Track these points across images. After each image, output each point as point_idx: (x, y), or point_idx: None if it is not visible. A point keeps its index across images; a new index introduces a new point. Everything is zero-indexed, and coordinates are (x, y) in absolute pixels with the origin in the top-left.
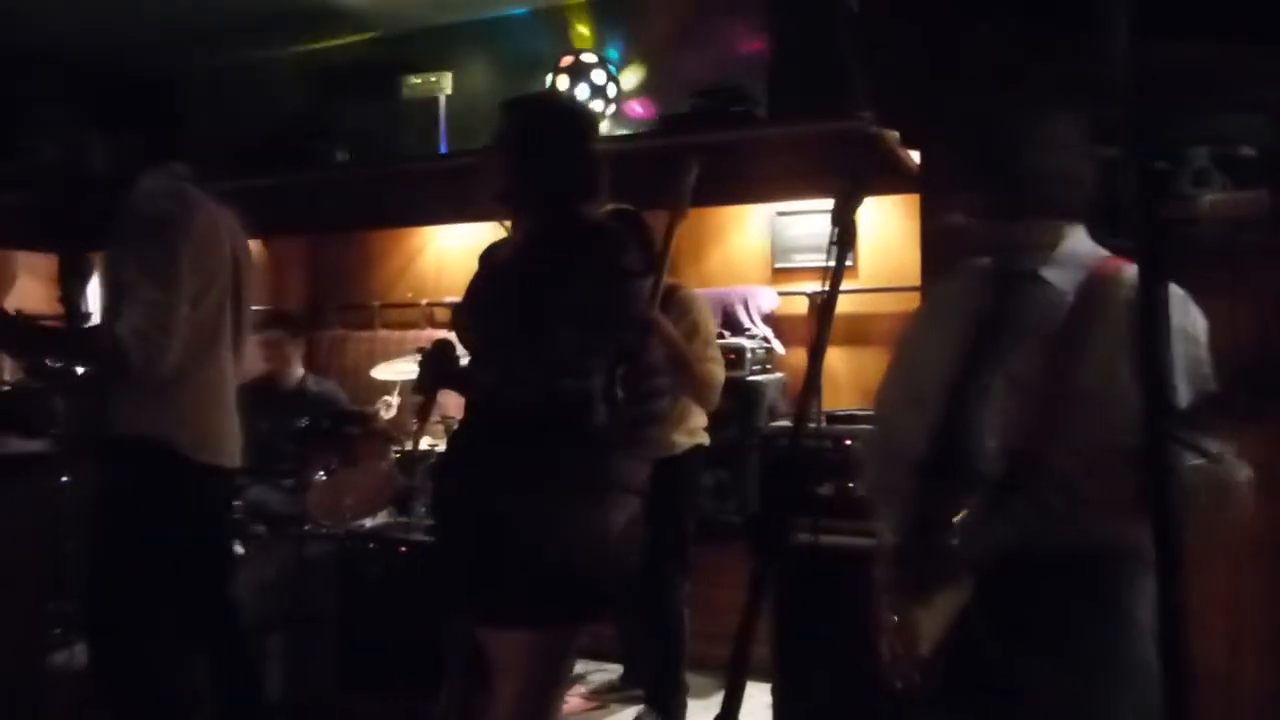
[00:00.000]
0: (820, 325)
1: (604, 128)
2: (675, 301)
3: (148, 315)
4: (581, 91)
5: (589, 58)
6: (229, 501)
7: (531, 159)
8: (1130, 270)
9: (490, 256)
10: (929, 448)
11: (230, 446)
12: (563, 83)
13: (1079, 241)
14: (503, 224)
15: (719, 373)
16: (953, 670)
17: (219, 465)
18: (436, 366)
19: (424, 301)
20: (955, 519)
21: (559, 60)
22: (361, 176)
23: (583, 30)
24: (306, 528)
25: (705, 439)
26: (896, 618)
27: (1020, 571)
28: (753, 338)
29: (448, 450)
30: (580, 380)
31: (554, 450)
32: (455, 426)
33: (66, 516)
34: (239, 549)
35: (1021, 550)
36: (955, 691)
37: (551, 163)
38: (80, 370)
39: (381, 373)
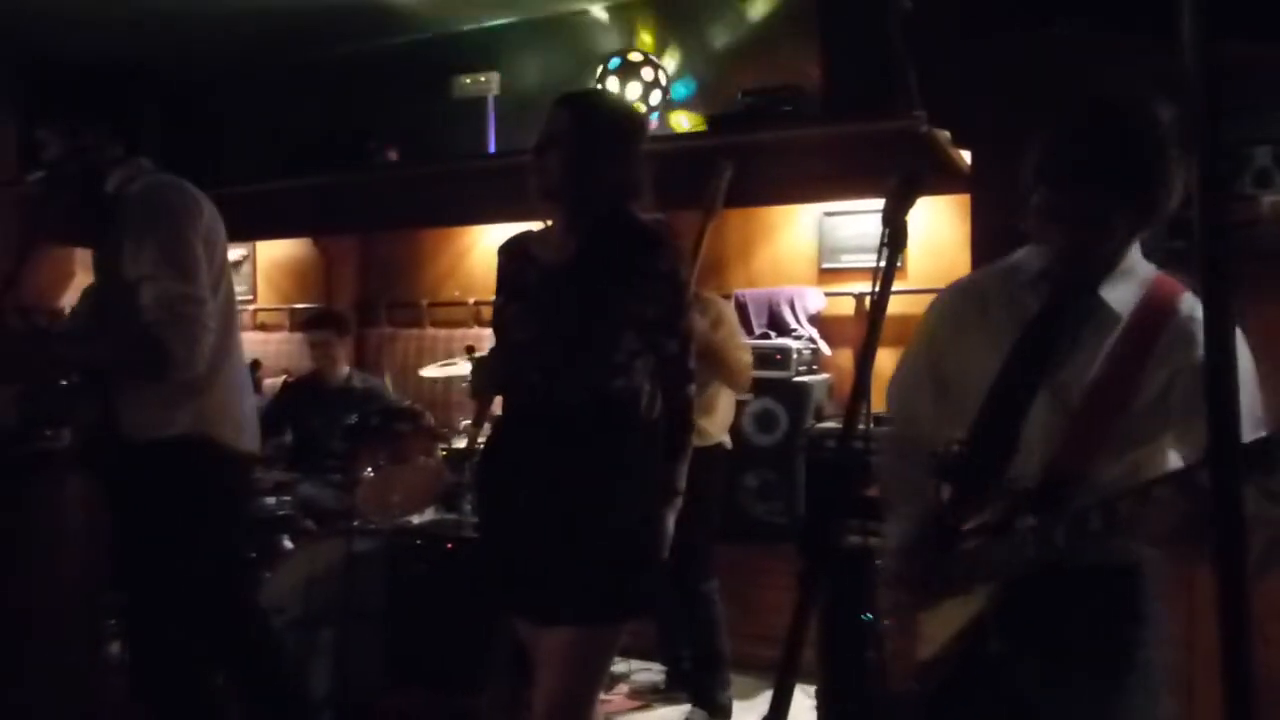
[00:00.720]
0: (871, 326)
1: (652, 127)
2: (699, 301)
3: (178, 309)
4: (630, 91)
5: (638, 57)
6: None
7: (586, 156)
8: (1187, 299)
9: (521, 252)
10: (960, 452)
11: (256, 432)
12: (611, 82)
13: (1137, 256)
14: (546, 223)
15: (748, 357)
16: (955, 678)
17: (254, 452)
18: (494, 371)
19: (471, 300)
20: (976, 527)
21: (607, 60)
22: (411, 176)
23: (631, 30)
24: (355, 524)
25: (728, 440)
26: (898, 620)
27: (1044, 584)
28: (799, 338)
29: (492, 448)
30: (629, 380)
31: (605, 449)
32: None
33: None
34: (288, 544)
35: (1049, 565)
36: (955, 700)
37: (606, 161)
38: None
39: (429, 371)
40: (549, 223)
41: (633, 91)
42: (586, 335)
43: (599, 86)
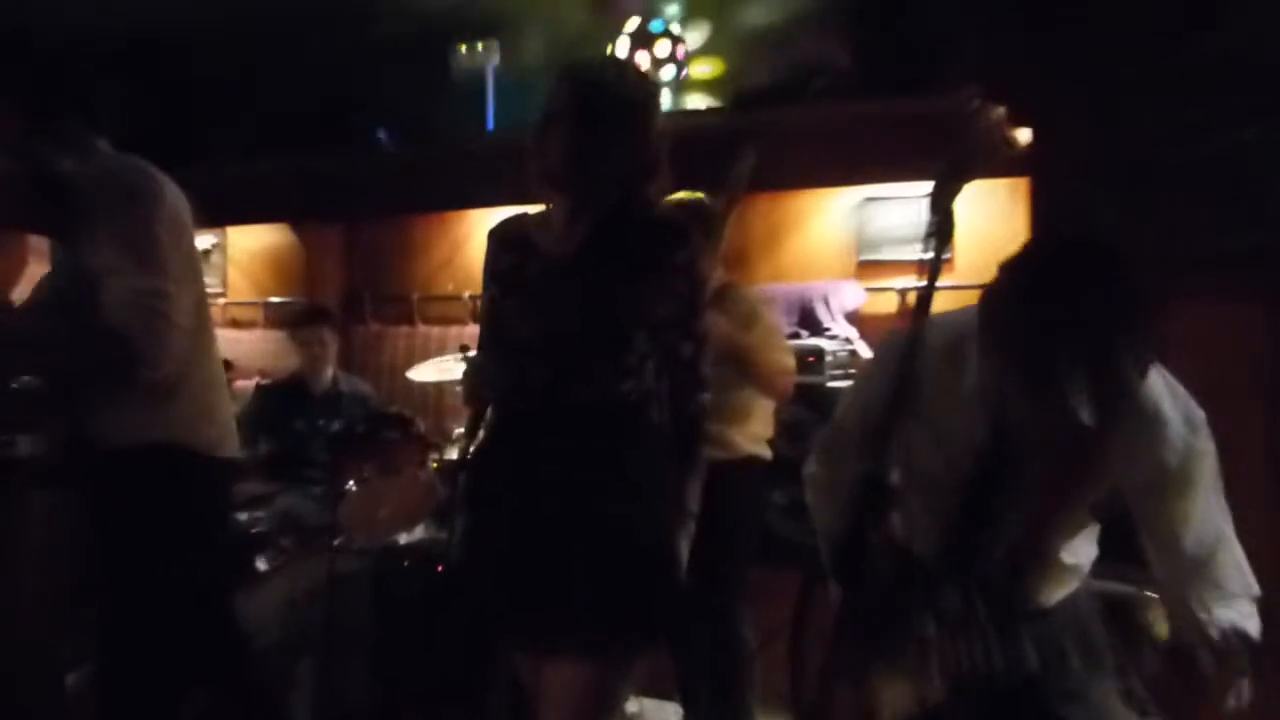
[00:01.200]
0: (915, 325)
1: (667, 101)
2: (728, 296)
3: (143, 305)
4: (643, 62)
5: (654, 26)
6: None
7: (590, 134)
8: (1152, 391)
9: (519, 239)
10: (931, 541)
11: (236, 438)
12: (623, 52)
13: None
14: (549, 206)
15: (787, 360)
16: None
17: (234, 459)
18: (489, 372)
19: (467, 294)
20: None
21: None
22: (401, 155)
23: None
24: (338, 542)
25: (767, 452)
26: (854, 687)
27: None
28: (833, 338)
29: (484, 457)
30: (640, 383)
31: (613, 458)
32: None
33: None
34: (261, 565)
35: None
36: None
37: (613, 140)
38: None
39: (419, 373)
40: (549, 206)
41: (646, 63)
42: (593, 334)
43: (608, 56)
